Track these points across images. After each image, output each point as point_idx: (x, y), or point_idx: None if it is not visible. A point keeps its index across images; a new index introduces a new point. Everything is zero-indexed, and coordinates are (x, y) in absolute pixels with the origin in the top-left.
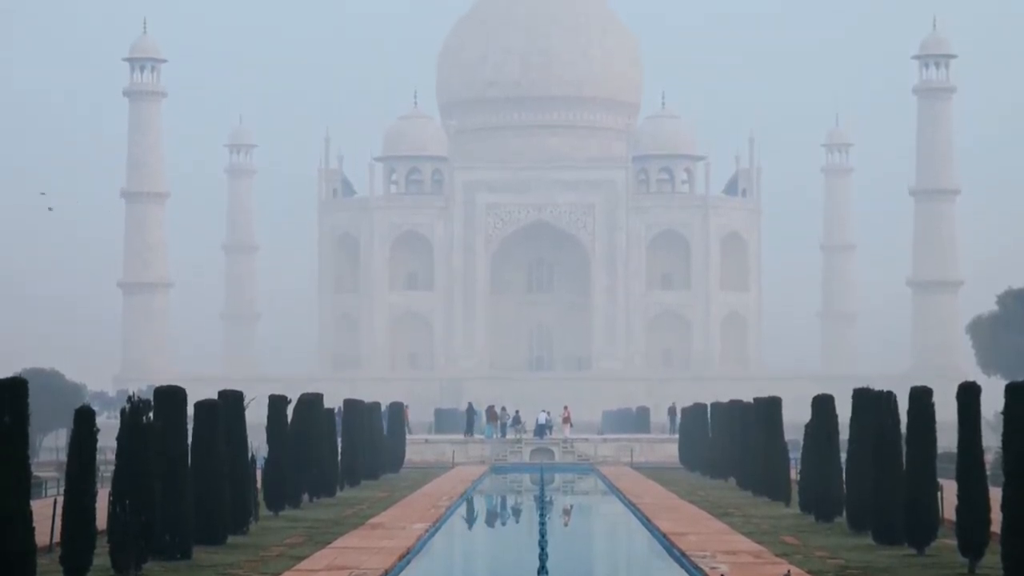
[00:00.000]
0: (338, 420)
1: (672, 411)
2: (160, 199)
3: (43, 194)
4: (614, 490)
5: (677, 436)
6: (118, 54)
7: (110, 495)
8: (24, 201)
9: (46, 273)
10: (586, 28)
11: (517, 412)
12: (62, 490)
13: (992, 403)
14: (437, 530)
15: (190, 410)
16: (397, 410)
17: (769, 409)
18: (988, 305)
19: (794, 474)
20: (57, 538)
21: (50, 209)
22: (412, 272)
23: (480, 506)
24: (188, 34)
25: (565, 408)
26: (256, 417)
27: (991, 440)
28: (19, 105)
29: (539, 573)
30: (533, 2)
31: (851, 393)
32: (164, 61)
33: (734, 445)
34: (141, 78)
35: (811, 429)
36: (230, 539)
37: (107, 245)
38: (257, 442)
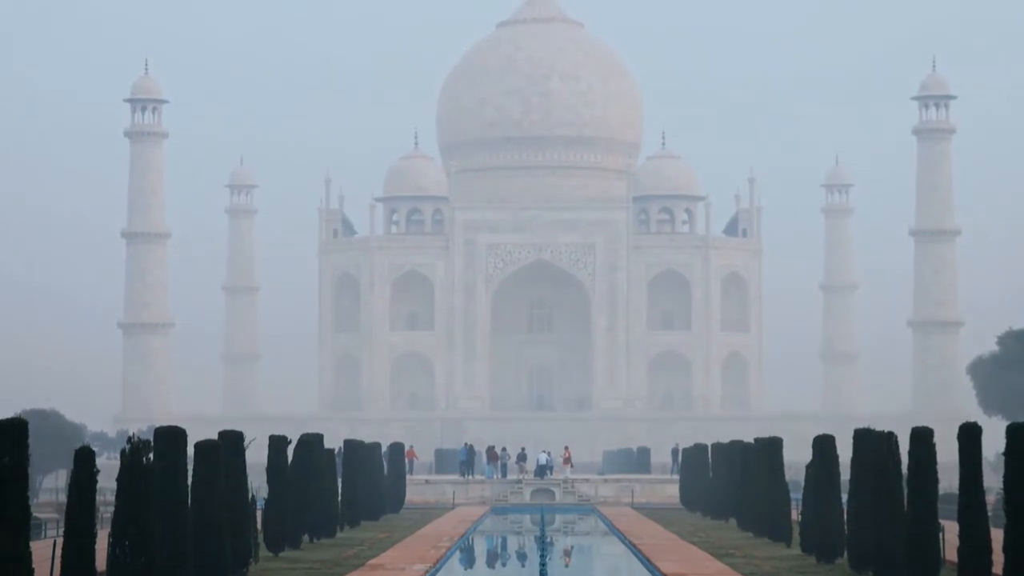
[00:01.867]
0: (338, 460)
1: (675, 451)
2: (161, 239)
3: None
4: (615, 531)
5: (678, 477)
6: (119, 94)
7: (110, 536)
8: (24, 240)
9: (46, 313)
10: (586, 69)
11: (523, 449)
12: (62, 531)
13: (993, 444)
14: (437, 571)
15: (190, 450)
16: (397, 450)
17: (770, 449)
18: (989, 345)
19: (795, 515)
20: None
21: None
22: (413, 312)
23: (481, 547)
24: (189, 75)
25: (566, 448)
26: (256, 457)
27: (992, 481)
28: (20, 144)
29: None
30: (534, 43)
31: (852, 433)
32: (165, 102)
33: (735, 486)
34: (142, 119)
35: (812, 470)
36: None
37: (107, 285)
38: (257, 482)
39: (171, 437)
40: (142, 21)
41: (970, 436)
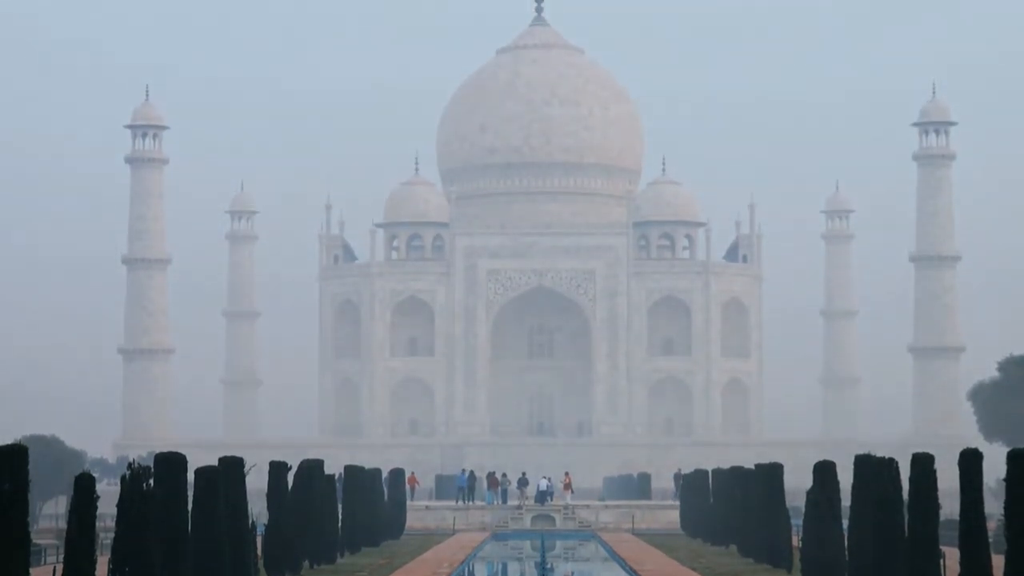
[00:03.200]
0: (339, 486)
1: (677, 477)
2: (161, 265)
3: None
4: (615, 557)
5: (679, 502)
6: (120, 120)
7: (110, 562)
8: (25, 266)
9: (47, 339)
10: (586, 95)
11: (523, 475)
12: (62, 557)
13: (994, 470)
14: None
15: (190, 476)
16: (398, 476)
17: (771, 475)
18: (989, 371)
19: (796, 541)
20: None
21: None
22: (413, 338)
23: (481, 573)
24: (190, 101)
25: (566, 474)
26: (257, 483)
27: (993, 507)
28: (21, 169)
29: None
30: (534, 69)
31: (853, 459)
32: (166, 128)
33: (736, 512)
34: (143, 145)
35: (813, 495)
36: None
37: (108, 311)
38: (257, 508)
39: (171, 463)
40: (143, 48)
41: (971, 462)
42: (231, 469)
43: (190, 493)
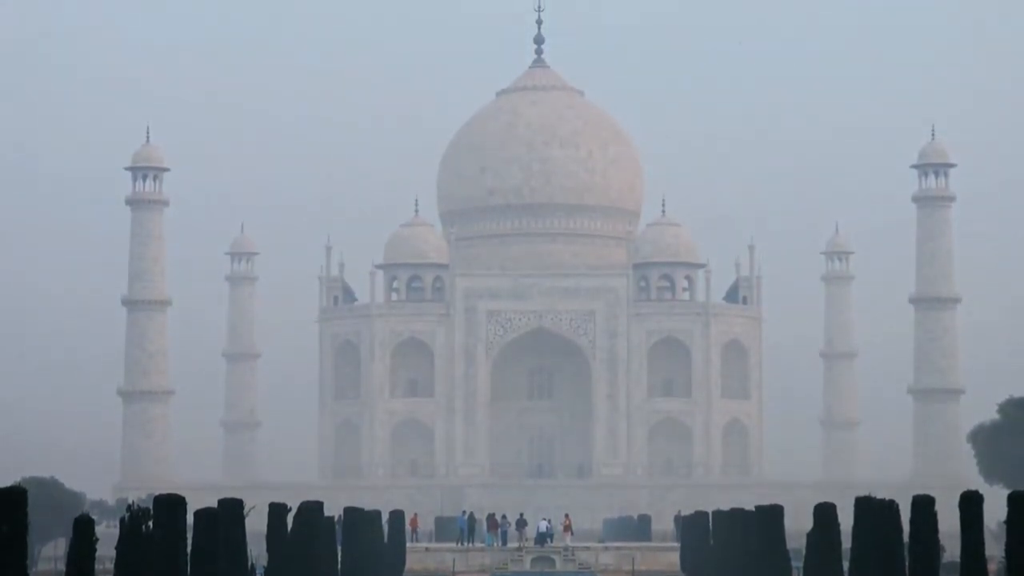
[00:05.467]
0: (339, 528)
1: (678, 519)
2: (161, 307)
3: None
4: None
5: (679, 544)
6: (120, 162)
7: None
8: (24, 307)
9: (46, 381)
10: (586, 136)
11: (521, 515)
12: None
13: (995, 512)
14: None
15: (190, 518)
16: (398, 518)
17: (771, 517)
18: (989, 413)
19: None
20: None
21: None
22: (413, 379)
23: None
24: (190, 142)
25: (566, 516)
26: (256, 525)
27: (994, 549)
28: (20, 211)
29: None
30: (534, 110)
31: (853, 501)
32: (166, 170)
33: (736, 554)
34: (143, 186)
35: (813, 538)
36: None
37: (108, 353)
38: (257, 551)
39: (171, 505)
40: (143, 89)
41: (971, 504)
42: (231, 511)
43: (189, 535)
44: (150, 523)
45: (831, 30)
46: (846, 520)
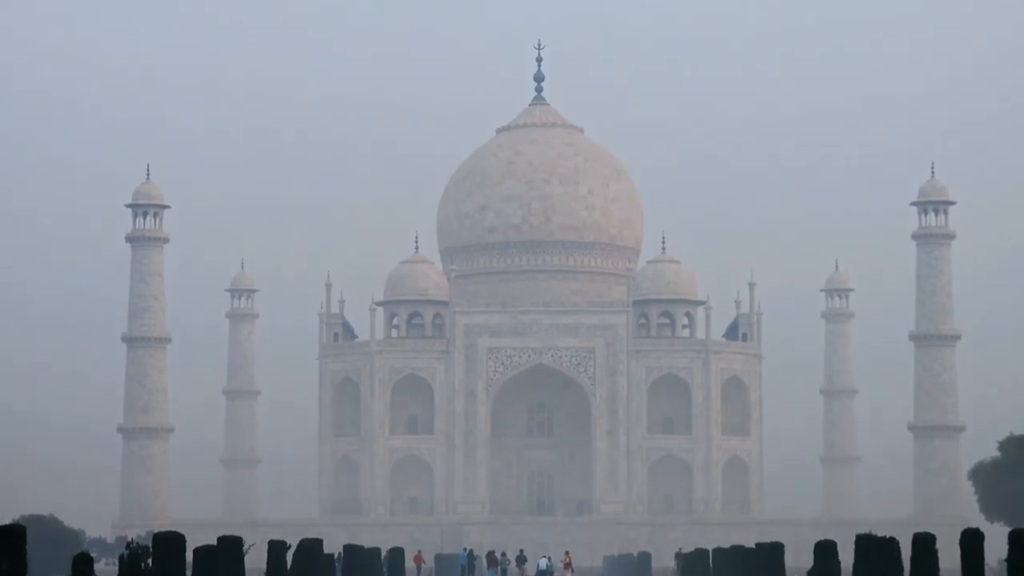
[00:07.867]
0: (338, 566)
1: (679, 557)
2: (161, 344)
3: None
4: None
5: None
6: (120, 200)
7: None
8: (23, 345)
9: (45, 418)
10: (586, 174)
11: (521, 552)
12: None
13: (995, 550)
14: None
15: (189, 556)
16: (397, 555)
17: (771, 554)
18: (990, 451)
19: None
20: None
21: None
22: (413, 416)
23: None
24: (190, 179)
25: (566, 553)
26: (256, 562)
27: None
28: (22, 247)
29: None
30: (533, 148)
31: (854, 538)
32: (166, 207)
33: None
34: (143, 224)
35: (814, 575)
36: None
37: (107, 390)
38: None
39: (170, 542)
40: (143, 127)
41: (972, 542)
42: (230, 548)
43: (188, 573)
44: (149, 560)
45: (831, 69)
46: (847, 557)
